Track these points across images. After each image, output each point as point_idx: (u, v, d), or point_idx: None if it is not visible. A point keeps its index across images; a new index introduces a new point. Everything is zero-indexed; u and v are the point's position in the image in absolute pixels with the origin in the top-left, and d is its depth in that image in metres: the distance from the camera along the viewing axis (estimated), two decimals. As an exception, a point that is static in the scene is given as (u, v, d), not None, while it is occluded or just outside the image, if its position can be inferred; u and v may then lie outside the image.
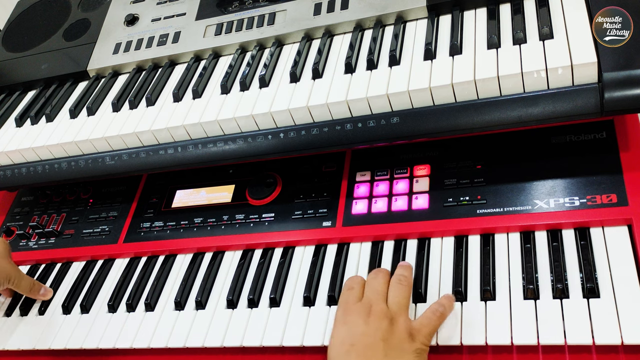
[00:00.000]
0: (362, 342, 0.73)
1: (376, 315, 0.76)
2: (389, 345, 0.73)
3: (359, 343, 0.73)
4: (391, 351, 0.72)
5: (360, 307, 0.77)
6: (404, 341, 0.74)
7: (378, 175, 0.97)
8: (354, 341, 0.73)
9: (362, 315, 0.76)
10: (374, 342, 0.73)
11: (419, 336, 0.75)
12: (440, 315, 0.77)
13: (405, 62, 0.87)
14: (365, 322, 0.75)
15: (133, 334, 0.93)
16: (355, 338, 0.74)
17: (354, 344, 0.73)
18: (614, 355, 0.72)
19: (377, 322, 0.75)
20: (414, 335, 0.75)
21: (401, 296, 0.79)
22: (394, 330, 0.74)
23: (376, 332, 0.74)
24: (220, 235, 1.01)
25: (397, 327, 0.75)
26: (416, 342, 0.74)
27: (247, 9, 1.07)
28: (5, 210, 1.24)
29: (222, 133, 0.94)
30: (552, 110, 0.77)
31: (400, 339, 0.74)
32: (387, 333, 0.74)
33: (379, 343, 0.73)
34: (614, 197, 0.82)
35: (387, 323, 0.75)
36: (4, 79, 1.22)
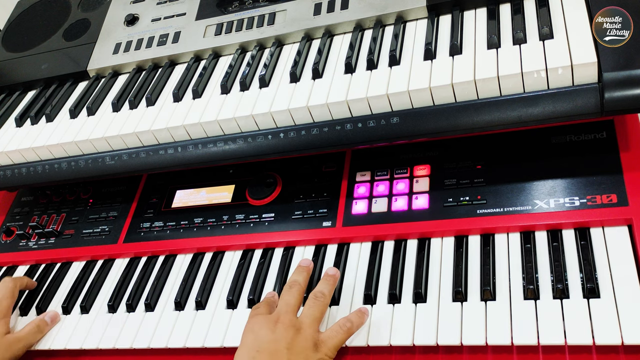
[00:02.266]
0: (267, 349, 0.75)
1: (283, 324, 0.78)
2: (293, 353, 0.75)
3: (264, 350, 0.75)
4: (294, 358, 0.74)
5: (269, 317, 0.80)
6: (308, 350, 0.76)
7: (378, 175, 0.97)
8: (260, 348, 0.76)
9: (270, 324, 0.78)
10: (278, 349, 0.75)
11: (323, 348, 0.77)
12: (347, 330, 0.79)
13: (405, 62, 0.87)
14: (272, 331, 0.77)
15: (133, 334, 0.93)
16: (261, 345, 0.76)
17: (259, 350, 0.76)
18: (614, 356, 0.72)
19: (283, 331, 0.77)
20: (318, 346, 0.77)
21: (315, 309, 0.81)
22: (299, 340, 0.77)
23: (281, 340, 0.76)
24: (220, 235, 1.01)
25: (303, 337, 0.77)
26: (320, 353, 0.77)
27: (247, 9, 1.07)
28: (5, 210, 1.24)
29: (222, 133, 0.94)
30: (552, 110, 0.77)
31: (304, 348, 0.76)
32: (292, 341, 0.76)
33: (283, 350, 0.75)
34: (614, 197, 0.82)
35: (293, 332, 0.77)
36: (4, 79, 1.22)
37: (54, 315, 1.00)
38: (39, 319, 0.99)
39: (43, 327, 0.98)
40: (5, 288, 1.01)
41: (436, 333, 0.78)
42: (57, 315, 1.00)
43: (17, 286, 1.03)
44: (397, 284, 0.85)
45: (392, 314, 0.82)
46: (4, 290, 1.00)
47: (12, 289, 1.01)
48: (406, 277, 0.86)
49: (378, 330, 0.81)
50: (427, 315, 0.80)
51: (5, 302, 0.99)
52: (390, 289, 0.84)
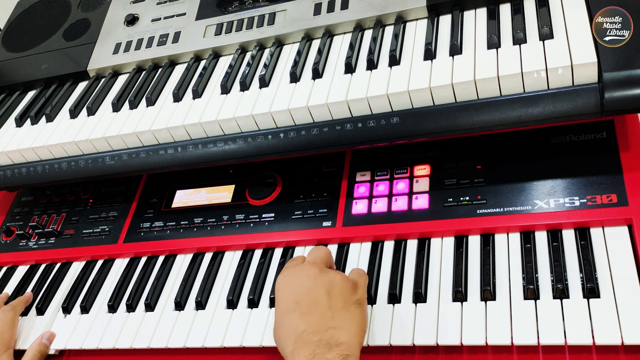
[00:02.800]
0: (306, 298, 0.73)
1: (316, 271, 0.76)
2: (332, 297, 0.73)
3: (303, 298, 0.73)
4: (334, 302, 0.73)
5: (302, 267, 0.78)
6: (345, 291, 0.75)
7: (378, 175, 0.97)
8: (299, 297, 0.74)
9: (304, 272, 0.77)
10: (318, 296, 0.73)
11: (360, 287, 0.77)
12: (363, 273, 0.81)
13: (405, 62, 0.87)
14: (307, 277, 0.76)
15: (133, 334, 0.93)
16: (299, 294, 0.74)
17: (298, 301, 0.73)
18: (614, 355, 0.72)
19: (317, 277, 0.75)
20: (356, 285, 0.77)
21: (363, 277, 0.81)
22: (335, 283, 0.75)
23: (318, 287, 0.74)
24: (220, 235, 1.01)
25: (338, 280, 0.76)
26: (357, 294, 0.76)
27: (247, 9, 1.07)
28: (5, 210, 1.24)
29: (222, 133, 0.94)
30: (552, 110, 0.77)
31: (342, 290, 0.75)
32: (330, 286, 0.74)
33: (322, 297, 0.73)
34: (614, 197, 0.82)
35: (329, 277, 0.76)
36: (4, 79, 1.22)
37: (50, 334, 0.98)
38: (38, 344, 0.96)
39: (44, 350, 0.96)
40: (5, 318, 0.98)
41: (436, 333, 0.78)
42: (53, 334, 0.98)
43: (17, 314, 1.01)
44: (397, 283, 0.85)
45: (392, 313, 0.82)
46: (4, 320, 0.98)
47: (12, 318, 0.99)
48: (406, 277, 0.86)
49: (378, 330, 0.81)
50: (427, 315, 0.80)
51: (7, 334, 0.97)
52: (390, 289, 0.84)
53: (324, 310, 0.72)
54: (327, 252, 0.83)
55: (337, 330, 0.70)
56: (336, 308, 0.72)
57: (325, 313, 0.72)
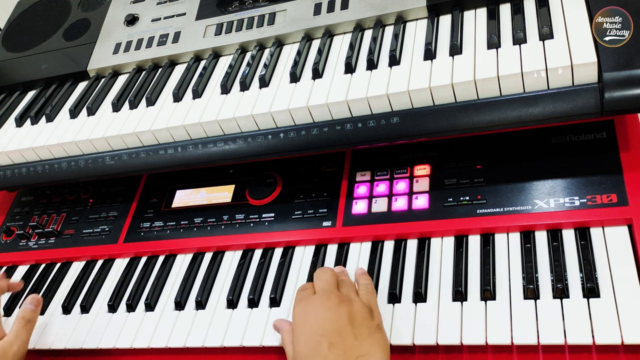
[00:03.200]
0: (330, 330, 0.73)
1: (334, 300, 0.76)
2: (355, 326, 0.73)
3: (328, 330, 0.73)
4: (359, 331, 0.73)
5: (317, 298, 0.77)
6: (366, 318, 0.75)
7: (378, 175, 0.98)
8: (323, 331, 0.73)
9: (321, 303, 0.76)
10: (341, 326, 0.73)
11: (376, 312, 0.77)
12: (372, 289, 0.81)
13: (405, 62, 0.87)
14: (327, 309, 0.75)
15: (133, 334, 0.93)
16: (322, 327, 0.73)
17: (323, 333, 0.73)
18: (614, 355, 0.72)
19: (338, 307, 0.75)
20: (373, 311, 0.77)
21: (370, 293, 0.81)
22: (355, 311, 0.75)
23: (340, 317, 0.74)
24: (220, 235, 1.01)
25: (357, 307, 0.76)
26: (375, 318, 0.76)
27: (247, 9, 1.07)
28: (5, 210, 1.24)
29: (222, 133, 0.94)
30: (552, 110, 0.77)
31: (363, 317, 0.75)
32: (351, 315, 0.74)
33: (346, 326, 0.73)
34: (614, 197, 0.82)
35: (347, 305, 0.75)
36: (4, 79, 1.22)
37: (33, 297, 0.93)
38: (22, 310, 0.91)
39: (30, 315, 0.91)
40: None
41: (436, 333, 0.78)
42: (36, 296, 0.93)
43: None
44: (397, 283, 0.85)
45: (392, 313, 0.82)
46: None
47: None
48: (406, 277, 0.86)
49: (378, 330, 0.81)
50: (427, 315, 0.80)
51: None
52: (390, 289, 0.84)
53: (350, 340, 0.72)
54: (333, 273, 0.82)
55: (365, 357, 0.71)
56: (361, 336, 0.73)
57: (352, 343, 0.72)
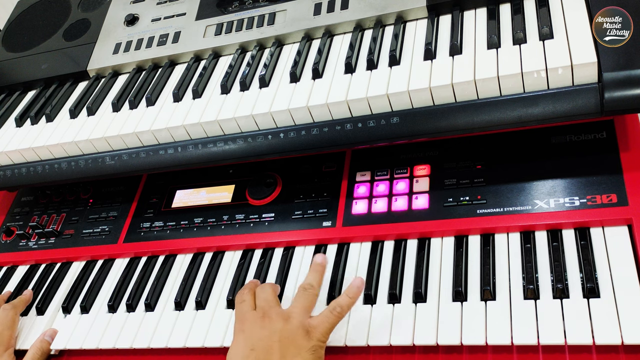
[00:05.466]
0: (260, 346, 0.75)
1: (270, 318, 0.78)
2: (285, 345, 0.75)
3: (258, 347, 0.75)
4: (287, 350, 0.74)
5: (255, 314, 0.80)
6: (300, 338, 0.75)
7: (378, 175, 0.97)
8: (253, 346, 0.76)
9: (258, 320, 0.78)
10: (271, 343, 0.75)
11: (315, 333, 0.76)
12: (338, 314, 0.78)
13: (405, 62, 0.87)
14: (262, 327, 0.77)
15: (133, 334, 0.93)
16: (253, 343, 0.76)
17: (253, 348, 0.75)
18: (614, 355, 0.72)
19: (271, 324, 0.77)
20: (310, 332, 0.76)
21: (304, 299, 0.81)
22: (289, 329, 0.76)
23: (272, 334, 0.76)
24: (220, 235, 1.01)
25: (292, 326, 0.77)
26: (312, 340, 0.76)
27: (247, 9, 1.07)
28: (5, 210, 1.24)
29: (222, 133, 0.94)
30: (552, 110, 0.77)
31: (296, 336, 0.75)
32: (283, 333, 0.76)
33: (275, 344, 0.75)
34: (614, 197, 0.82)
35: (282, 323, 0.77)
36: (4, 79, 1.22)
37: (53, 332, 0.98)
38: (40, 341, 0.96)
39: (46, 348, 0.96)
40: (5, 317, 0.98)
41: (436, 333, 0.78)
42: (56, 331, 0.98)
43: (17, 313, 1.01)
44: (397, 283, 0.85)
45: (392, 313, 0.82)
46: (4, 319, 0.98)
47: (12, 317, 0.99)
48: (406, 277, 0.86)
49: (378, 330, 0.81)
50: (427, 315, 0.80)
51: (7, 332, 0.97)
52: (390, 289, 0.84)
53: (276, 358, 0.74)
54: (273, 292, 0.84)
55: None
56: (288, 355, 0.74)
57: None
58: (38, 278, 1.10)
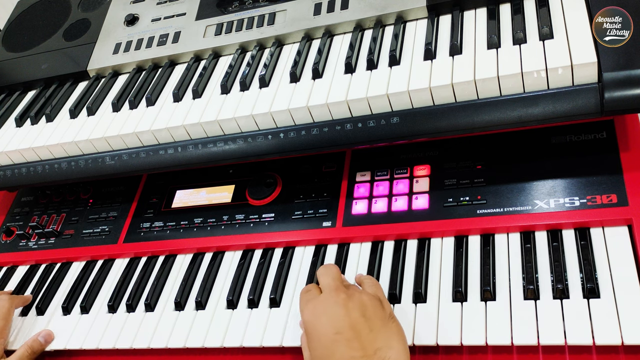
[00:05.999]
0: (344, 326, 0.70)
1: (343, 295, 0.74)
2: (368, 318, 0.72)
3: (342, 327, 0.70)
4: (372, 323, 0.72)
5: (324, 297, 0.75)
6: (378, 309, 0.73)
7: (378, 176, 0.97)
8: (337, 328, 0.71)
9: (330, 301, 0.74)
10: (355, 320, 0.71)
11: (384, 301, 0.76)
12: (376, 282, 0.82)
13: (405, 62, 0.87)
14: (338, 305, 0.73)
15: (133, 334, 0.93)
16: (335, 325, 0.71)
17: (338, 331, 0.70)
18: (614, 356, 0.72)
19: (348, 301, 0.73)
20: (382, 301, 0.76)
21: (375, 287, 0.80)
22: (366, 303, 0.73)
23: (352, 311, 0.72)
24: (220, 236, 1.01)
25: (367, 299, 0.74)
26: (386, 307, 0.75)
27: (247, 9, 1.07)
28: (5, 210, 1.24)
29: (222, 133, 0.94)
30: (552, 110, 0.77)
31: (374, 309, 0.73)
32: (362, 307, 0.73)
33: (359, 320, 0.71)
34: (614, 197, 0.82)
35: (356, 298, 0.74)
36: (4, 79, 1.22)
37: (47, 334, 0.97)
38: (33, 340, 0.95)
39: (37, 348, 0.95)
40: (1, 307, 0.98)
41: (436, 333, 0.78)
42: (51, 333, 0.97)
43: (13, 306, 1.00)
44: (397, 284, 0.85)
45: (392, 314, 0.82)
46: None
47: (7, 308, 0.98)
48: (406, 277, 0.86)
49: (378, 330, 0.81)
50: (427, 315, 0.80)
51: (0, 322, 0.96)
52: (390, 289, 0.84)
53: (366, 334, 0.70)
54: (337, 269, 0.81)
55: (383, 350, 0.70)
56: (376, 328, 0.71)
57: (368, 336, 0.70)
58: (38, 278, 1.10)
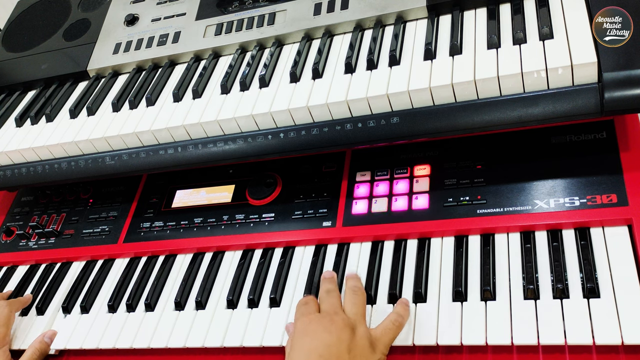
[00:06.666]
0: (329, 353, 0.72)
1: (338, 325, 0.76)
2: (354, 356, 0.73)
3: (326, 354, 0.72)
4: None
5: (321, 318, 0.78)
6: (366, 351, 0.74)
7: (378, 175, 0.97)
8: (321, 352, 0.73)
9: (325, 325, 0.76)
10: (340, 352, 0.73)
11: (379, 345, 0.76)
12: (399, 325, 0.78)
13: (405, 62, 0.87)
14: (329, 332, 0.75)
15: (133, 334, 0.93)
16: (321, 349, 0.73)
17: (321, 355, 0.72)
18: (614, 355, 0.72)
19: (340, 332, 0.75)
20: (374, 344, 0.76)
21: (357, 306, 0.80)
22: (356, 340, 0.75)
23: (341, 342, 0.74)
24: (220, 235, 1.01)
25: (359, 336, 0.75)
26: (377, 353, 0.75)
27: (247, 9, 1.07)
28: (5, 210, 1.24)
29: (222, 133, 0.94)
30: (552, 110, 0.77)
31: (363, 349, 0.74)
32: (351, 343, 0.74)
33: (344, 353, 0.73)
34: (614, 197, 0.82)
35: (349, 332, 0.75)
36: (4, 79, 1.22)
37: (52, 334, 0.98)
38: (39, 342, 0.96)
39: (45, 349, 0.96)
40: (1, 314, 0.98)
41: (436, 333, 0.78)
42: (55, 333, 0.98)
43: (12, 311, 1.00)
44: (397, 283, 0.85)
45: (392, 313, 0.82)
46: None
47: (7, 314, 0.98)
48: (406, 277, 0.86)
49: (378, 330, 0.81)
50: (427, 315, 0.80)
51: (2, 329, 0.96)
52: (390, 289, 0.84)
53: None
54: (339, 297, 0.82)
55: None
56: None
57: None
58: (38, 278, 1.10)
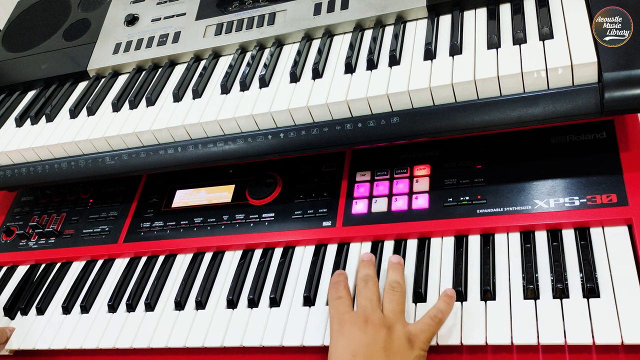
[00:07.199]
0: (363, 353, 0.73)
1: (374, 324, 0.76)
2: (390, 354, 0.73)
3: (360, 353, 0.73)
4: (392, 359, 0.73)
5: (356, 317, 0.77)
6: (403, 348, 0.74)
7: (378, 175, 0.98)
8: (356, 352, 0.73)
9: (359, 324, 0.76)
10: (375, 351, 0.73)
11: (417, 342, 0.75)
12: (439, 321, 0.77)
13: (405, 62, 0.87)
14: (364, 332, 0.75)
15: (133, 333, 0.93)
16: (356, 348, 0.73)
17: (355, 354, 0.73)
18: (614, 355, 0.72)
19: (375, 332, 0.75)
20: (412, 341, 0.75)
21: (396, 303, 0.79)
22: (393, 339, 0.74)
23: (376, 342, 0.74)
24: (220, 235, 1.01)
25: (396, 335, 0.75)
26: (415, 349, 0.74)
27: (247, 9, 1.07)
28: (5, 210, 1.24)
29: (222, 133, 0.94)
30: (552, 110, 0.77)
31: (400, 347, 0.74)
32: (387, 342, 0.74)
33: (379, 352, 0.73)
34: (614, 197, 0.82)
35: (385, 332, 0.75)
36: (4, 79, 1.22)
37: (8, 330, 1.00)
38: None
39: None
40: None
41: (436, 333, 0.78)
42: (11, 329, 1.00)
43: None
44: (397, 283, 0.85)
45: (392, 313, 0.82)
46: None
47: None
48: (406, 277, 0.85)
49: (378, 330, 0.81)
50: (427, 315, 0.80)
51: None
52: (390, 289, 0.84)
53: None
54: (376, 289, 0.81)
55: None
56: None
57: None
58: (38, 278, 1.10)
